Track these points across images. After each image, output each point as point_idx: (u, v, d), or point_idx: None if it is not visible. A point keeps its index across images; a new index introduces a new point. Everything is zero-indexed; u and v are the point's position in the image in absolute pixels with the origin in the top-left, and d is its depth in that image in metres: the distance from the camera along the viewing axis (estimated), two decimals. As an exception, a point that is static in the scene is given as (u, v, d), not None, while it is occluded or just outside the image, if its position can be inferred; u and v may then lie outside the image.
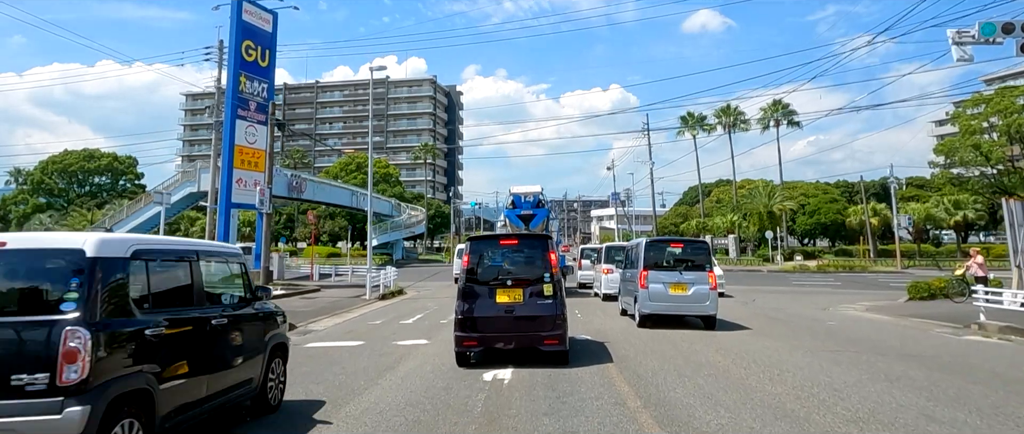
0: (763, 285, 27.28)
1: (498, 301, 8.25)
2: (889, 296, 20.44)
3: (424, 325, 13.07)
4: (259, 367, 5.60)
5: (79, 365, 3.53)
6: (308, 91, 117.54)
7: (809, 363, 8.10)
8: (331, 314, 15.72)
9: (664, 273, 12.11)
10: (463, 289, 8.36)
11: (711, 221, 57.98)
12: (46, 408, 3.46)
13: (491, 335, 8.18)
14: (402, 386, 6.99)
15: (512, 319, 8.18)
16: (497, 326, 8.18)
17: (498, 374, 7.45)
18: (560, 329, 8.11)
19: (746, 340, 10.33)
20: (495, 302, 8.25)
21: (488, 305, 8.23)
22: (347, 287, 25.79)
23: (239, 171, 25.75)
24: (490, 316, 8.19)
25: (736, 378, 7.15)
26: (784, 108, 56.05)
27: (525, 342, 8.19)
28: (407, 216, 61.47)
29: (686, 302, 11.93)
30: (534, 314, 8.17)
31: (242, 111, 25.99)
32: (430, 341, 10.65)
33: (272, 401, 5.85)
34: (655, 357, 8.64)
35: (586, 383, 6.96)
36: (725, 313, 14.79)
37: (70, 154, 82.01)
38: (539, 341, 8.12)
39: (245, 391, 5.39)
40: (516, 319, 8.18)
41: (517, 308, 8.20)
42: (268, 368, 5.75)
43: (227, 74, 26.11)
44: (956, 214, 45.64)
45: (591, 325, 12.52)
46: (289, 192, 37.95)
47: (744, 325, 12.55)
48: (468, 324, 8.16)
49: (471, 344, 8.19)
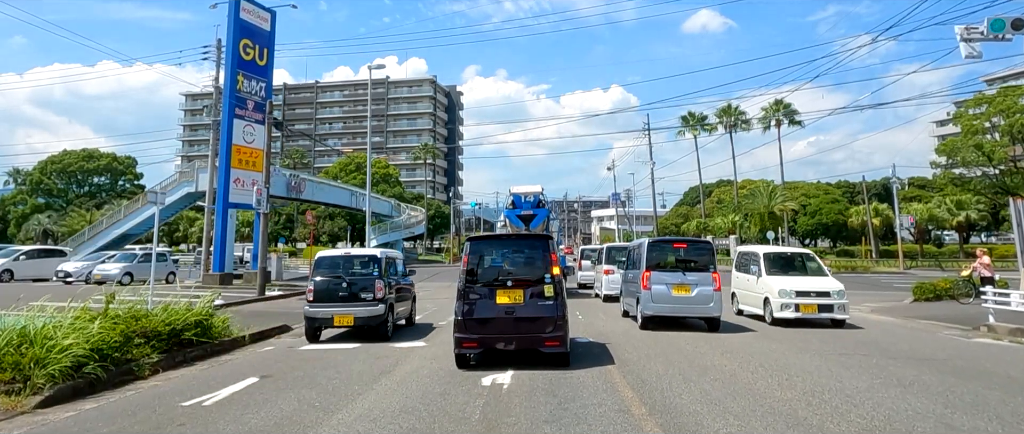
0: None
1: (498, 302, 8.06)
2: (894, 297, 20.18)
3: (422, 327, 12.83)
4: (409, 305, 13.11)
5: (380, 292, 10.82)
6: (308, 91, 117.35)
7: (819, 367, 7.85)
8: (328, 315, 15.46)
9: (667, 274, 11.90)
10: (463, 290, 8.19)
11: (712, 221, 57.76)
12: (372, 304, 10.77)
13: (491, 336, 8.00)
14: (398, 391, 6.75)
15: (512, 320, 7.99)
16: (497, 327, 7.99)
17: (497, 378, 7.20)
18: (561, 330, 7.93)
19: (752, 342, 10.09)
20: (495, 303, 8.06)
21: (488, 306, 8.06)
22: (345, 288, 25.57)
23: (237, 171, 25.51)
24: (490, 317, 8.00)
25: (744, 383, 6.91)
26: (786, 107, 55.82)
27: (525, 343, 8.00)
28: (407, 216, 61.21)
29: (690, 304, 11.68)
30: (535, 315, 7.99)
31: (240, 110, 25.76)
32: (428, 343, 10.41)
33: (413, 321, 13.36)
34: (659, 360, 8.40)
35: (588, 388, 6.72)
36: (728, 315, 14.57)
37: (69, 154, 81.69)
38: (540, 342, 7.93)
39: (407, 313, 12.87)
40: (516, 320, 7.99)
41: (517, 309, 8.02)
42: (413, 307, 13.42)
43: (224, 73, 25.88)
44: (958, 215, 45.37)
45: (593, 327, 12.27)
46: (288, 192, 37.69)
47: (749, 327, 12.31)
48: (468, 325, 8.00)
49: (471, 346, 8.00)
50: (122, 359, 7.81)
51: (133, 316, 8.68)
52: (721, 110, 58.05)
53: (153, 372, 8.01)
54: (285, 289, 23.54)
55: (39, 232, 65.65)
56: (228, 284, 24.94)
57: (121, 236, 35.42)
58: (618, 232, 79.51)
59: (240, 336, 10.69)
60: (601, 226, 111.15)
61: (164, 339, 8.71)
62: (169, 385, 7.38)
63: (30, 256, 28.89)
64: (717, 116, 59.07)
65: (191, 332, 9.26)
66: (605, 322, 13.18)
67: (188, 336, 9.21)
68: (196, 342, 9.41)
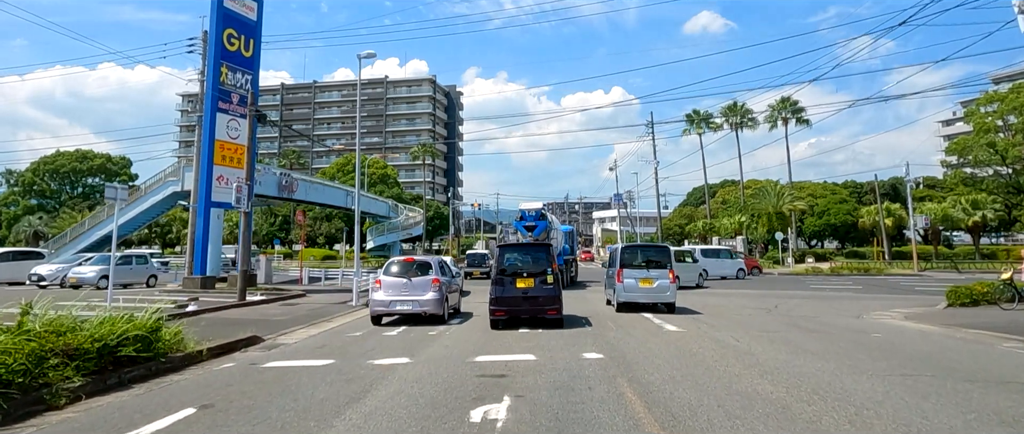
0: (779, 289, 25.59)
1: (517, 286, 12.34)
2: (922, 302, 18.74)
3: (409, 338, 11.37)
4: (458, 297, 16.20)
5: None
6: (306, 91, 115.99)
7: (886, 394, 6.38)
8: (308, 324, 14.03)
9: (636, 271, 15.49)
10: (495, 278, 12.65)
11: (718, 222, 56.24)
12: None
13: (513, 309, 12.20)
14: (363, 429, 5.32)
15: (526, 298, 12.20)
16: (517, 302, 12.21)
17: (489, 412, 5.75)
18: (558, 304, 12.18)
19: (791, 360, 8.63)
20: (515, 287, 12.34)
21: (511, 289, 12.35)
22: (335, 292, 24.12)
23: (220, 167, 24.09)
24: (512, 296, 12.27)
25: (804, 419, 5.45)
26: (793, 105, 54.38)
27: (536, 312, 12.17)
28: (404, 217, 59.73)
29: (652, 293, 15.32)
30: (541, 295, 12.19)
31: (223, 104, 24.35)
32: (412, 359, 8.96)
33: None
34: (687, 385, 6.96)
35: (605, 426, 5.29)
36: (751, 322, 13.13)
37: (62, 155, 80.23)
38: (544, 312, 12.12)
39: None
40: (529, 298, 12.19)
41: (529, 291, 12.24)
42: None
43: (207, 63, 24.45)
44: (974, 214, 43.85)
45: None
46: (279, 192, 36.24)
47: (780, 338, 10.86)
48: (499, 301, 12.26)
49: (500, 314, 12.24)
50: (30, 385, 6.36)
51: (54, 330, 7.24)
52: (727, 108, 56.61)
53: (73, 400, 6.56)
54: (270, 294, 22.09)
55: (29, 234, 64.25)
56: (210, 288, 23.50)
57: (105, 238, 33.94)
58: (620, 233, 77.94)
59: (196, 350, 9.25)
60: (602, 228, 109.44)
61: (93, 358, 7.27)
62: (84, 418, 5.95)
63: (5, 258, 27.48)
64: (722, 114, 57.63)
65: (130, 348, 7.80)
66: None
67: (126, 353, 7.75)
68: (140, 359, 7.99)
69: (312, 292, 24.29)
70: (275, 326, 13.43)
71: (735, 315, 15.27)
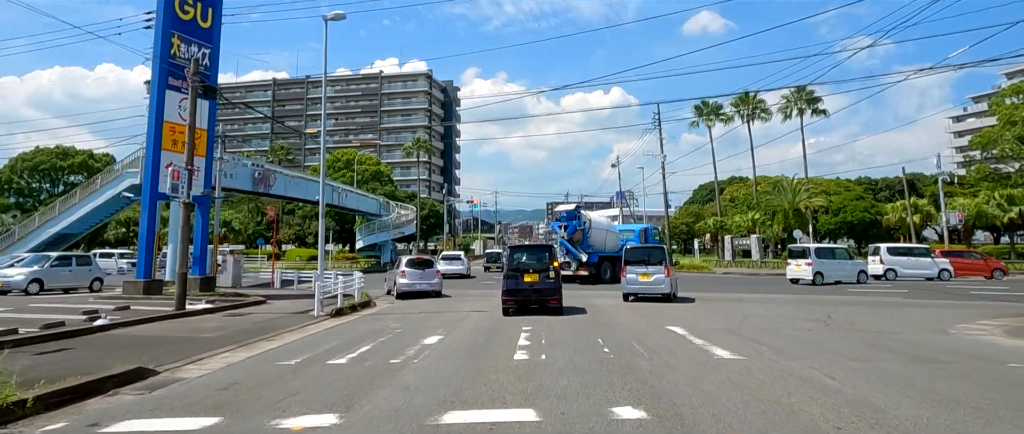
0: (813, 295, 22.32)
1: (525, 280, 14.96)
2: (1000, 310, 15.59)
3: (359, 370, 8.10)
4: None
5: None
6: (299, 86, 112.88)
7: None
8: (240, 344, 10.77)
9: (637, 267, 18.35)
10: (507, 274, 15.24)
11: (730, 220, 53.00)
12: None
13: (521, 299, 14.86)
14: None
15: (532, 290, 14.88)
16: (524, 294, 14.86)
17: None
18: (558, 295, 14.90)
19: (935, 417, 5.39)
20: (523, 281, 14.96)
21: (520, 283, 14.96)
22: (302, 298, 20.94)
23: (170, 154, 20.86)
24: (521, 288, 14.91)
25: None
26: (809, 95, 51.15)
27: (540, 303, 14.80)
28: (396, 216, 56.46)
29: (650, 285, 18.06)
30: (544, 288, 14.89)
31: (174, 80, 21.11)
32: (347, 414, 5.68)
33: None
34: None
35: None
36: (817, 342, 9.78)
37: (41, 152, 77.11)
38: (547, 303, 14.80)
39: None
40: (534, 290, 14.87)
41: (535, 284, 14.90)
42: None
43: (155, 33, 21.19)
44: (1010, 210, 40.60)
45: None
46: (254, 186, 32.99)
47: (878, 371, 7.60)
48: (510, 293, 14.90)
49: (511, 304, 14.88)
50: None
51: None
52: (738, 98, 53.33)
53: None
54: (225, 300, 18.83)
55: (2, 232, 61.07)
56: (156, 294, 20.29)
57: (58, 236, 30.71)
58: (623, 233, 74.81)
59: (18, 401, 6.02)
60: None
61: None
62: None
63: (-68, 259, 24.23)
64: (733, 105, 54.40)
65: None
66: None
67: None
68: None
69: (276, 298, 21.07)
70: (194, 348, 10.21)
71: (788, 330, 12.03)
